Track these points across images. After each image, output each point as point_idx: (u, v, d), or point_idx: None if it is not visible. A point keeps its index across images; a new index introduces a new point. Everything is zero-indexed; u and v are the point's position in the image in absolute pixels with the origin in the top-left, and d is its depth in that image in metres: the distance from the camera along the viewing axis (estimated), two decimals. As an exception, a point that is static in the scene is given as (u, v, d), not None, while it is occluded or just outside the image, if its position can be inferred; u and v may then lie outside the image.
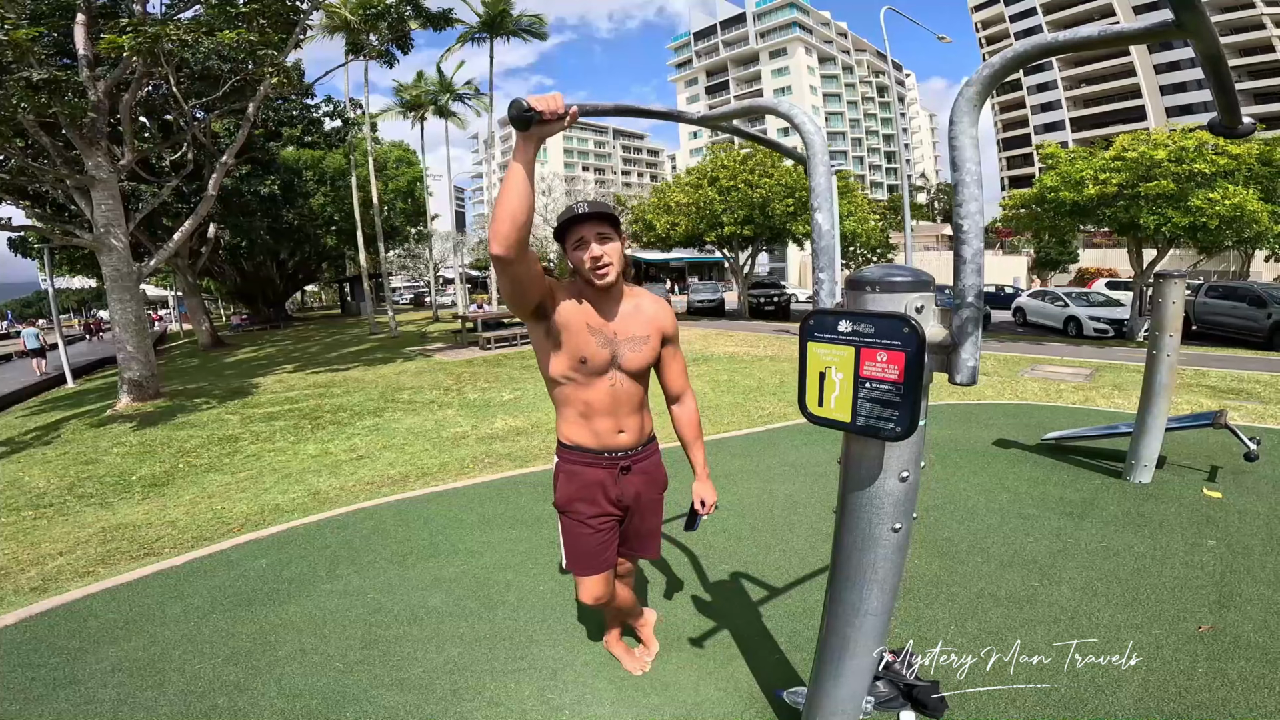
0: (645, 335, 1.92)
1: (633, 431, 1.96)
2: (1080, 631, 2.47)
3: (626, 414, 1.93)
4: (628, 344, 1.88)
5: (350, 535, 3.74)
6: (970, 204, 1.01)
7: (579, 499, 1.97)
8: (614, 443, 1.93)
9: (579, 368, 1.83)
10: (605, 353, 1.84)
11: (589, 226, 1.76)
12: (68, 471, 6.07)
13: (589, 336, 1.81)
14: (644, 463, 2.03)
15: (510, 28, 24.90)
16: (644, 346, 1.91)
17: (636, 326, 1.91)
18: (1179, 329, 3.97)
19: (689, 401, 2.15)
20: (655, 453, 2.10)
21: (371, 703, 2.22)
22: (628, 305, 1.91)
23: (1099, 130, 45.41)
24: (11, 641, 2.73)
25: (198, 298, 20.60)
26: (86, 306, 55.01)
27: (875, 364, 1.13)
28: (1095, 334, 14.58)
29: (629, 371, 1.90)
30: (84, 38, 8.87)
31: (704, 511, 2.13)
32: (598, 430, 1.91)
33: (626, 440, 1.95)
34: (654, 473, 2.08)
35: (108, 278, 9.38)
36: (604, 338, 1.84)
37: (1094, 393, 7.26)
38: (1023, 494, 3.99)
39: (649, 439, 2.06)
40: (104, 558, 3.77)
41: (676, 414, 2.16)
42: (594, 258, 1.75)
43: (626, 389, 1.91)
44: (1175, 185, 11.81)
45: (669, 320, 2.01)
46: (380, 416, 7.50)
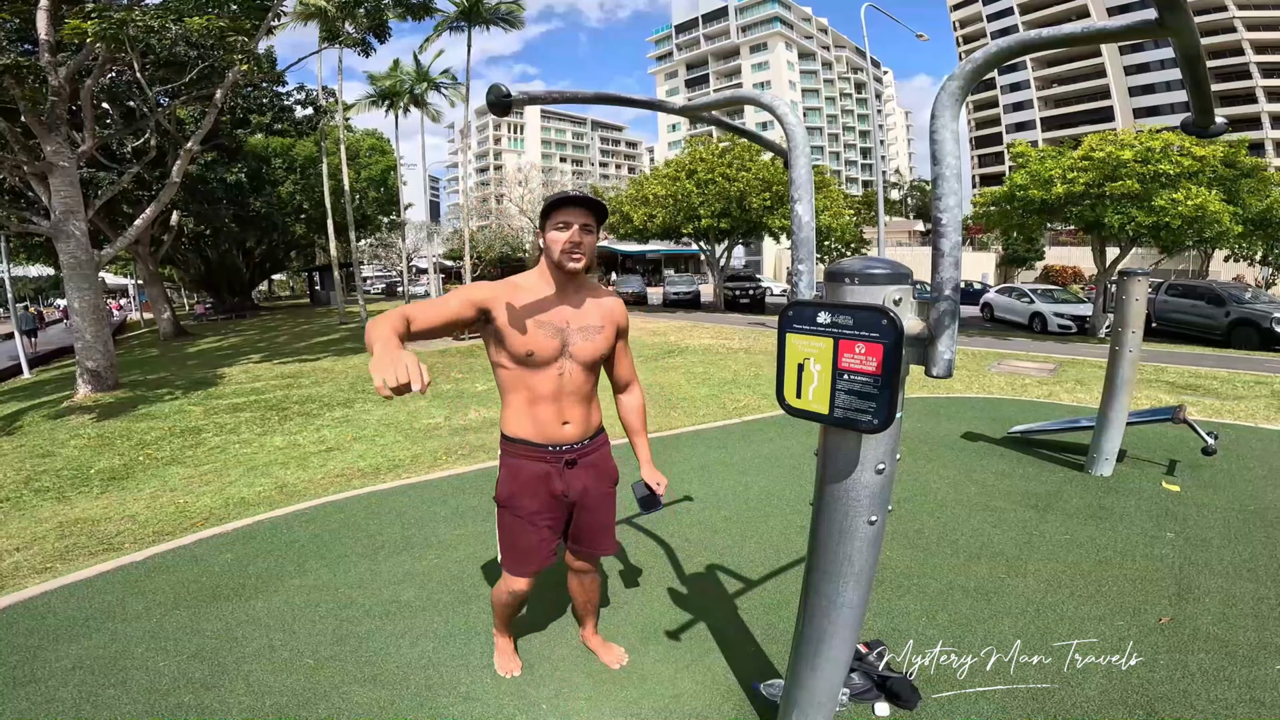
0: (599, 325, 1.92)
1: (578, 423, 1.94)
2: (1047, 624, 2.51)
3: (572, 404, 1.92)
4: (580, 333, 1.88)
5: (319, 529, 3.66)
6: (949, 198, 1.02)
7: (521, 493, 1.94)
8: (559, 435, 1.91)
9: (524, 360, 1.82)
10: (555, 342, 1.83)
11: (578, 213, 1.77)
12: (23, 464, 5.85)
13: (536, 330, 1.80)
14: (590, 456, 2.01)
15: (487, 16, 24.58)
16: (597, 336, 1.91)
17: (591, 317, 1.91)
18: (1141, 325, 4.07)
19: (637, 392, 2.18)
20: (603, 446, 2.08)
21: (343, 699, 2.18)
22: (586, 296, 1.93)
23: (1069, 130, 46.39)
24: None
25: (159, 286, 20.01)
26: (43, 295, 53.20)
27: (853, 356, 1.13)
28: (1059, 330, 14.93)
29: (580, 361, 1.89)
30: (46, 23, 8.53)
31: (660, 492, 2.14)
32: (542, 420, 1.89)
33: (572, 433, 1.93)
34: (601, 466, 2.05)
35: (65, 266, 9.07)
36: (553, 328, 1.83)
37: (1058, 387, 7.43)
38: (990, 486, 4.07)
39: (596, 432, 2.04)
40: (62, 553, 3.64)
41: (624, 403, 2.17)
42: (574, 243, 1.77)
43: (575, 379, 1.90)
44: (1140, 185, 12.13)
45: (623, 315, 2.05)
46: (350, 408, 7.37)
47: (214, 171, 18.44)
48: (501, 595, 2.11)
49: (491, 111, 1.25)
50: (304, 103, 21.45)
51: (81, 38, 8.04)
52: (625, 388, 2.17)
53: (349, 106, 23.54)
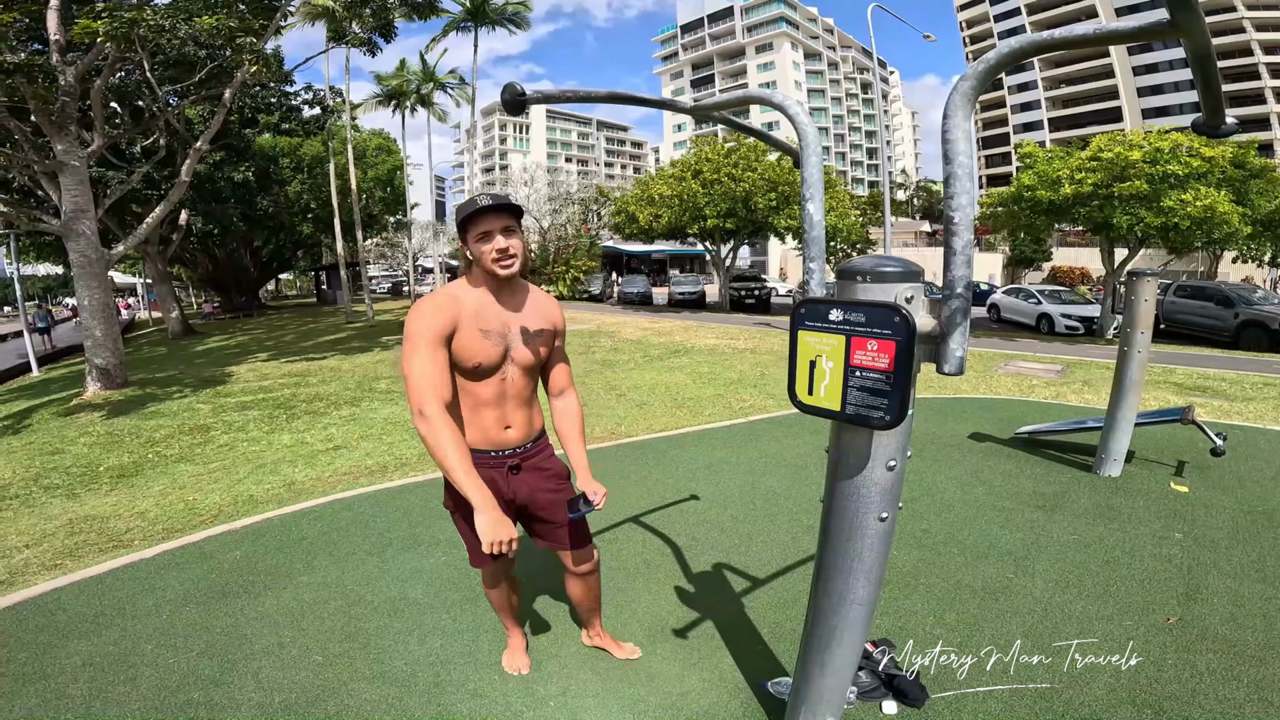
0: (540, 329, 1.92)
1: (520, 427, 1.94)
2: (1054, 624, 2.51)
3: (514, 408, 1.92)
4: (522, 336, 1.87)
5: (327, 526, 3.68)
6: (962, 196, 1.02)
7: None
8: (501, 439, 1.91)
9: (471, 371, 1.81)
10: (499, 350, 1.83)
11: (495, 219, 1.73)
12: (33, 462, 5.90)
13: (483, 341, 1.79)
14: (534, 459, 2.00)
15: (493, 16, 24.66)
16: (536, 339, 1.91)
17: (532, 320, 1.90)
18: (1150, 326, 4.06)
19: (571, 397, 2.12)
20: (546, 448, 2.06)
21: (352, 696, 2.19)
22: (524, 298, 1.92)
23: (1077, 130, 46.18)
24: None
25: (168, 285, 20.14)
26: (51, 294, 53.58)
27: (865, 353, 1.14)
28: (1067, 331, 14.87)
29: (521, 365, 1.89)
30: (56, 22, 8.60)
31: (598, 502, 1.96)
32: (484, 425, 1.88)
33: (514, 437, 1.93)
34: (547, 468, 2.03)
35: (75, 264, 9.14)
36: (497, 335, 1.82)
37: (1065, 388, 7.41)
38: (997, 487, 4.06)
39: (538, 435, 2.04)
40: (72, 550, 3.67)
41: (559, 408, 2.11)
42: (500, 250, 1.74)
43: (516, 384, 1.90)
44: (1149, 186, 12.06)
45: (560, 316, 2.04)
46: (357, 406, 7.40)
47: (222, 171, 18.54)
48: (484, 584, 2.17)
49: (506, 110, 1.26)
50: (311, 102, 21.57)
51: (92, 37, 8.10)
52: (560, 392, 2.10)
53: (356, 106, 23.63)
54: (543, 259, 29.94)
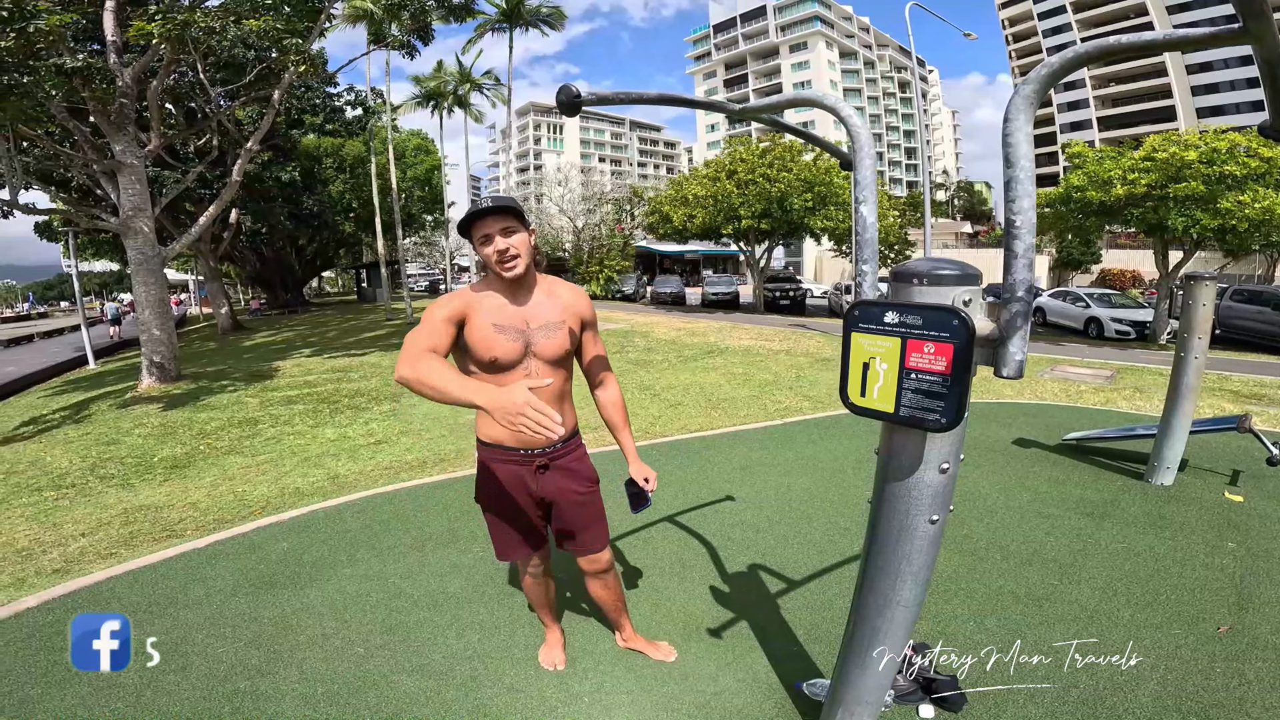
0: (560, 321, 1.91)
1: None
2: (1101, 631, 2.47)
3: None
4: (541, 331, 1.88)
5: (369, 520, 3.77)
6: (1024, 200, 1.01)
7: (498, 495, 1.99)
8: (531, 439, 1.90)
9: (490, 365, 1.83)
10: (517, 345, 1.84)
11: (492, 222, 1.75)
12: (89, 452, 6.14)
13: (497, 337, 1.81)
14: (563, 459, 2.00)
15: (528, 18, 24.90)
16: (558, 333, 1.90)
17: (550, 313, 1.90)
18: (1208, 332, 3.91)
19: (611, 386, 2.13)
20: (577, 448, 2.06)
21: (392, 688, 2.24)
22: (540, 293, 1.92)
23: (1127, 130, 44.68)
24: (34, 624, 2.71)
25: (218, 282, 20.82)
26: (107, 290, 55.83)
27: (922, 355, 1.13)
28: (1117, 335, 14.39)
29: (545, 359, 1.89)
30: (113, 24, 8.94)
31: (649, 488, 2.08)
32: None
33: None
34: (576, 469, 2.03)
35: (133, 261, 9.49)
36: (515, 332, 1.84)
37: (1115, 394, 7.17)
38: (1043, 493, 3.96)
39: (570, 435, 2.04)
40: (126, 539, 3.79)
41: (600, 399, 2.14)
42: (500, 251, 1.75)
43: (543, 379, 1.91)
44: (1205, 187, 11.61)
45: (585, 306, 2.02)
46: (397, 402, 7.55)
47: (270, 171, 19.08)
48: (522, 579, 2.22)
49: (562, 112, 1.28)
50: (354, 103, 22.06)
51: (147, 39, 8.38)
52: (600, 382, 2.12)
53: (396, 108, 24.09)
54: (576, 258, 30.12)
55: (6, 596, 3.03)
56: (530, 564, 2.17)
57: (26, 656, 2.48)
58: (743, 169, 20.07)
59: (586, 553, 2.12)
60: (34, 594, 2.99)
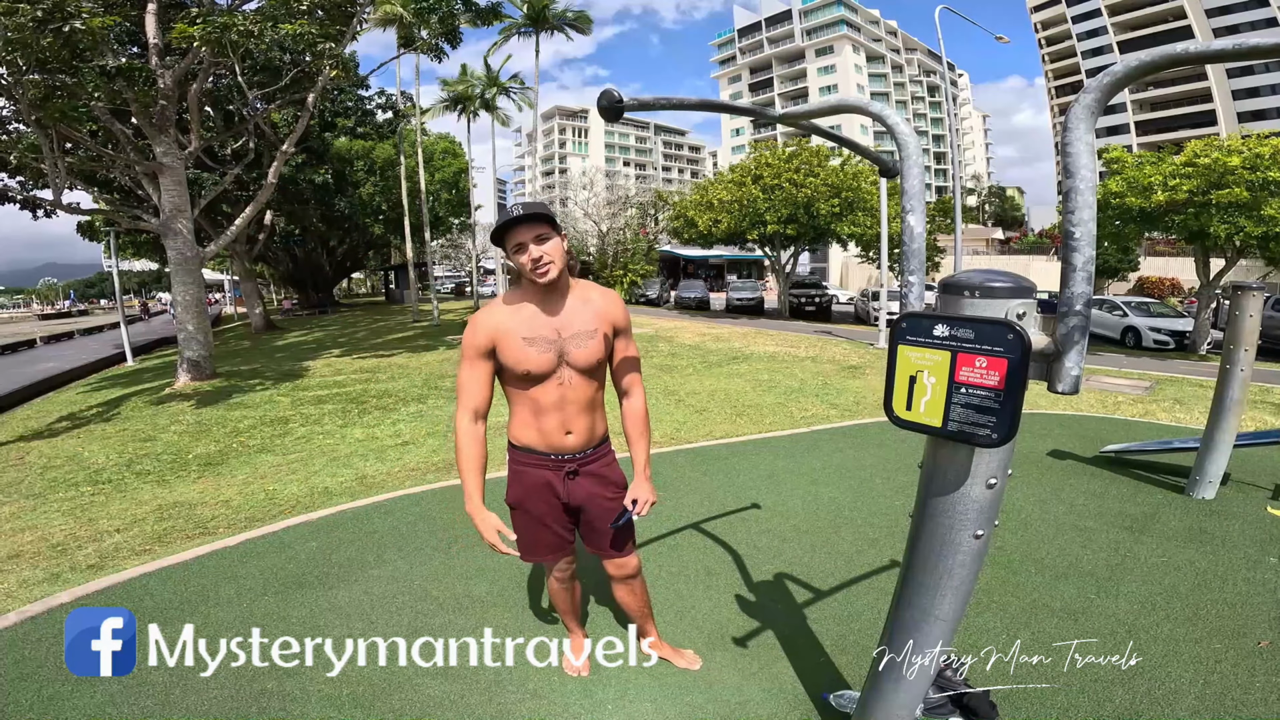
0: (593, 329, 1.89)
1: (581, 433, 1.94)
2: (1139, 645, 2.41)
3: (575, 414, 1.92)
4: (574, 340, 1.87)
5: (397, 521, 3.80)
6: (1083, 211, 0.98)
7: (527, 498, 2.00)
8: (561, 444, 1.93)
9: (524, 379, 1.86)
10: (549, 355, 1.84)
11: (525, 229, 1.75)
12: (126, 448, 6.27)
13: (528, 351, 1.82)
14: (593, 465, 2.00)
15: (554, 22, 25.05)
16: (591, 341, 1.89)
17: (583, 321, 1.89)
18: (1254, 343, 3.78)
19: (637, 397, 2.09)
20: (606, 455, 2.06)
21: (416, 691, 2.24)
22: (574, 301, 1.90)
23: (1166, 135, 43.54)
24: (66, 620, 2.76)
25: (253, 282, 21.30)
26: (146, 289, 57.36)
27: (973, 370, 1.09)
28: (1155, 345, 14.01)
29: (579, 368, 1.88)
30: (154, 26, 9.19)
31: (636, 511, 2.01)
32: (545, 430, 1.92)
33: (574, 442, 1.94)
34: (605, 475, 2.03)
35: (172, 261, 9.73)
36: (546, 343, 1.84)
37: (1154, 406, 6.97)
38: (1080, 506, 3.86)
39: (600, 442, 2.03)
40: (160, 536, 3.83)
41: (624, 410, 2.11)
42: (534, 259, 1.75)
43: (577, 388, 1.90)
44: (1249, 193, 11.26)
45: (619, 312, 1.99)
46: (424, 403, 7.62)
47: (303, 173, 19.44)
48: (548, 583, 2.24)
49: (603, 117, 1.27)
50: (384, 107, 22.41)
51: (189, 41, 8.58)
52: (626, 391, 2.08)
53: (425, 111, 24.41)
54: (601, 262, 30.19)
55: (41, 592, 3.07)
56: (557, 568, 2.18)
57: (57, 653, 2.48)
58: (768, 174, 19.95)
59: (614, 557, 2.12)
60: (68, 589, 3.01)
